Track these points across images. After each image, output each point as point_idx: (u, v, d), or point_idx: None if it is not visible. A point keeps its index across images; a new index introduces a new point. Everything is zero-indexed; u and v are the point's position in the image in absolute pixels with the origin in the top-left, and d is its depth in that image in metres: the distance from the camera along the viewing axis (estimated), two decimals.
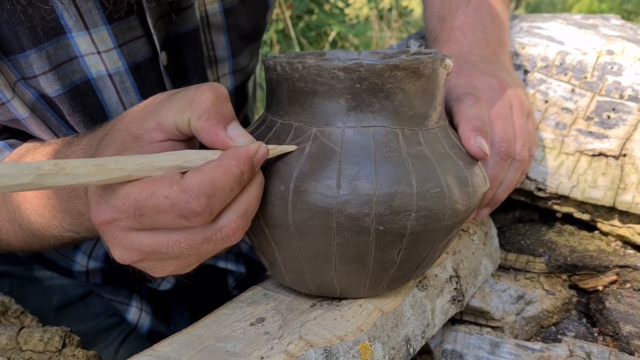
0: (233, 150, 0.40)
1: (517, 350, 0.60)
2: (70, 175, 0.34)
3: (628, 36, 0.76)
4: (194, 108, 0.41)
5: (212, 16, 0.72)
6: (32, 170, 0.33)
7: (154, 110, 0.42)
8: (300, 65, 0.45)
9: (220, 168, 0.39)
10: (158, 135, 0.42)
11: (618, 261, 0.70)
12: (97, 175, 0.36)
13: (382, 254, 0.46)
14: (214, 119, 0.41)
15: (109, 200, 0.40)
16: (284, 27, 2.83)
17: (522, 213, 0.81)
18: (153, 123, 0.42)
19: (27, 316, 0.70)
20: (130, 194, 0.38)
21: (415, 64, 0.45)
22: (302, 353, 0.43)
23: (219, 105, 0.41)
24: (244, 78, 0.84)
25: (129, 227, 0.40)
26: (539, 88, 0.75)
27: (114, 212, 0.40)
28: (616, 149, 0.71)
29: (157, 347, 0.45)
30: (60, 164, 0.34)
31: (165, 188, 0.38)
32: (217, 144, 0.41)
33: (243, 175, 0.40)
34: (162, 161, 0.39)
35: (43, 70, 0.57)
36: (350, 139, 0.45)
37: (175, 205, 0.38)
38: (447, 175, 0.46)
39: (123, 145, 0.42)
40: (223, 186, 0.39)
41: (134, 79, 0.63)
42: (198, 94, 0.41)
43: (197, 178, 0.38)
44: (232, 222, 0.41)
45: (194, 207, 0.38)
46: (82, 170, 0.35)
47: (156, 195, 0.38)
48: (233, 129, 0.42)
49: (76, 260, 0.80)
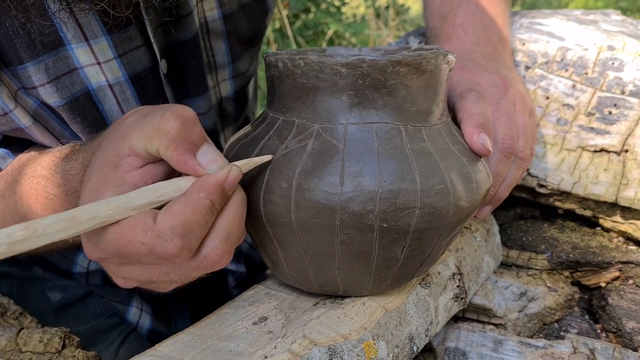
0: (201, 182, 0.40)
1: (521, 348, 0.60)
2: (42, 235, 0.35)
3: (629, 31, 0.76)
4: (160, 138, 0.40)
5: (212, 23, 0.71)
6: (4, 239, 0.33)
7: (125, 135, 0.42)
8: (302, 62, 0.45)
9: (189, 204, 0.39)
10: (134, 162, 0.42)
11: (620, 257, 0.70)
12: (71, 230, 0.36)
13: (386, 251, 0.46)
14: (182, 147, 0.40)
15: (96, 243, 0.41)
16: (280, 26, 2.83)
17: (523, 210, 0.81)
18: (126, 149, 0.42)
19: (27, 317, 0.70)
20: (110, 241, 0.39)
21: (418, 59, 0.45)
22: (306, 352, 0.43)
23: (185, 133, 0.41)
24: (244, 82, 0.83)
25: (119, 263, 0.42)
26: (539, 84, 0.75)
27: (102, 253, 0.41)
28: (618, 144, 0.70)
29: (159, 347, 0.45)
30: (31, 227, 0.34)
31: (140, 235, 0.38)
32: (187, 172, 0.41)
33: (215, 205, 0.40)
34: (134, 201, 0.39)
35: (41, 82, 0.56)
36: (353, 135, 0.45)
37: (153, 251, 0.39)
38: (451, 171, 0.46)
39: (102, 176, 0.42)
40: (196, 222, 0.39)
41: (134, 89, 0.63)
42: (163, 124, 0.40)
43: (169, 220, 0.38)
44: (215, 249, 0.41)
45: (170, 251, 0.38)
46: (54, 228, 0.35)
47: (133, 242, 0.39)
48: (203, 154, 0.41)
49: (77, 261, 0.80)
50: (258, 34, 0.81)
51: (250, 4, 0.75)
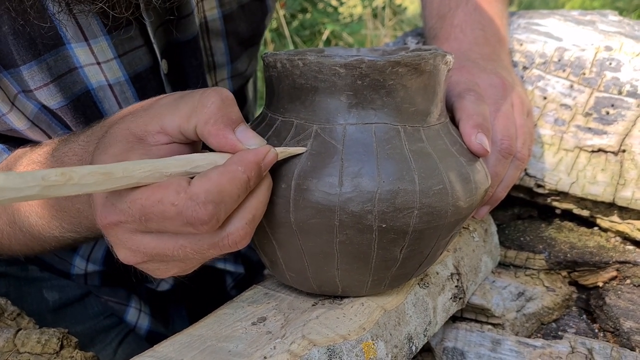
0: (240, 155, 0.39)
1: (519, 347, 0.60)
2: (77, 185, 0.34)
3: (626, 32, 0.76)
4: (200, 113, 0.40)
5: (212, 23, 0.71)
6: (38, 181, 0.32)
7: (158, 113, 0.42)
8: (301, 62, 0.45)
9: (227, 174, 0.38)
10: (162, 139, 0.41)
11: (618, 257, 0.70)
12: (105, 184, 0.35)
13: (385, 251, 0.46)
14: (222, 122, 0.40)
15: (115, 204, 0.39)
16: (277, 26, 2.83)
17: (521, 210, 0.81)
18: (157, 127, 0.41)
19: (24, 318, 0.69)
20: (137, 200, 0.38)
21: (416, 60, 0.45)
22: (306, 352, 0.43)
23: (225, 109, 0.40)
24: (242, 82, 0.83)
25: (135, 229, 0.40)
26: (537, 84, 0.75)
27: (120, 215, 0.39)
28: (615, 144, 0.70)
29: (158, 348, 0.45)
30: (67, 174, 0.33)
31: (172, 195, 0.37)
32: (226, 148, 0.40)
33: (250, 181, 0.39)
34: (169, 167, 0.38)
35: (44, 82, 0.56)
36: (351, 136, 0.45)
37: (182, 213, 0.37)
38: (450, 172, 0.46)
39: (127, 145, 0.41)
40: (230, 193, 0.38)
41: (134, 89, 0.62)
42: (203, 99, 0.40)
43: (204, 185, 0.37)
44: (239, 229, 0.40)
45: (201, 216, 0.37)
46: (90, 180, 0.34)
47: (163, 202, 0.37)
48: (241, 132, 0.41)
49: (74, 263, 0.80)
50: (257, 34, 0.81)
51: (250, 4, 0.75)
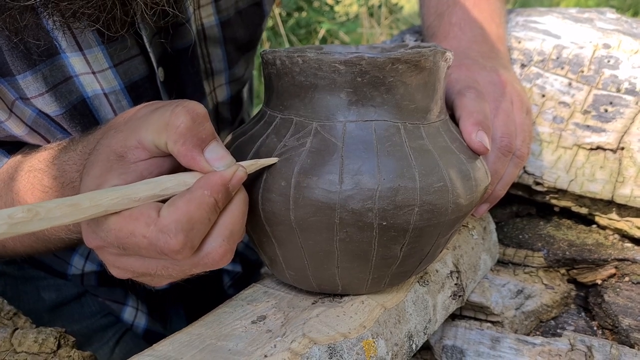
0: (206, 179, 0.39)
1: (518, 345, 0.60)
2: (44, 219, 0.34)
3: (624, 29, 0.76)
4: (169, 132, 0.40)
5: (209, 29, 0.71)
6: (5, 219, 0.32)
7: (135, 127, 0.42)
8: (301, 59, 0.44)
9: (194, 201, 0.38)
10: (141, 154, 0.41)
11: (616, 254, 0.70)
12: (72, 216, 0.36)
13: (385, 249, 0.46)
14: (190, 143, 0.40)
15: (95, 231, 0.40)
16: (273, 25, 2.82)
17: (519, 207, 0.81)
18: (134, 141, 0.41)
19: (21, 317, 0.69)
20: (111, 230, 0.39)
21: (416, 57, 0.45)
22: (306, 351, 0.42)
23: (195, 129, 0.40)
24: (239, 87, 0.83)
25: (117, 253, 0.41)
26: (535, 82, 0.75)
27: (101, 241, 0.40)
28: (614, 142, 0.70)
29: (157, 347, 0.45)
30: (33, 210, 0.33)
31: (142, 227, 0.38)
32: (194, 168, 0.41)
33: (218, 204, 0.39)
34: (138, 192, 0.39)
35: (40, 91, 0.55)
36: (351, 133, 0.44)
37: (154, 245, 0.38)
38: (450, 169, 0.45)
39: (107, 164, 0.41)
40: (200, 219, 0.38)
41: (130, 98, 0.62)
42: (173, 118, 0.40)
43: (173, 215, 0.38)
44: (217, 247, 0.41)
45: (172, 246, 0.38)
46: (57, 213, 0.35)
47: (135, 234, 0.38)
48: (211, 151, 0.41)
49: (72, 263, 0.79)
50: (254, 39, 0.80)
51: (247, 10, 0.75)
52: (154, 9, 0.46)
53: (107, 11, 0.45)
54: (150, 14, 0.46)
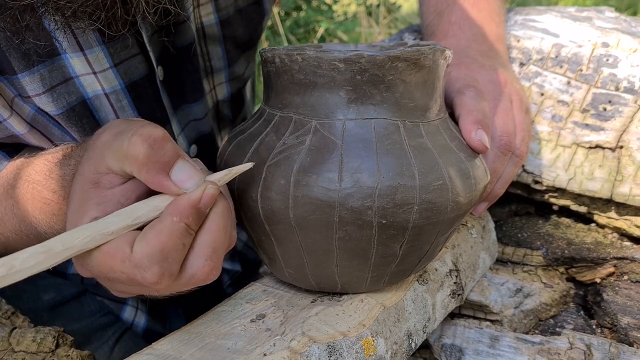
0: (174, 206, 0.39)
1: (517, 344, 0.60)
2: (21, 271, 0.35)
3: (622, 28, 0.76)
4: (130, 163, 0.40)
5: (208, 28, 0.71)
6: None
7: (101, 154, 0.42)
8: (300, 57, 0.44)
9: (164, 231, 0.38)
10: (114, 179, 0.42)
11: (615, 253, 0.70)
12: (47, 262, 0.37)
13: (385, 248, 0.46)
14: (153, 170, 0.40)
15: (83, 264, 0.41)
16: (272, 24, 2.82)
17: (518, 206, 0.81)
18: (104, 168, 0.41)
19: (19, 317, 0.69)
20: (94, 266, 0.40)
21: (416, 55, 0.45)
22: (306, 349, 0.42)
23: (154, 155, 0.40)
24: (240, 85, 0.83)
25: (108, 282, 0.43)
26: (534, 81, 0.75)
27: (90, 273, 0.42)
28: (613, 141, 0.70)
29: (157, 346, 0.45)
30: (8, 263, 0.35)
31: (118, 264, 0.39)
32: (164, 192, 0.41)
33: (190, 227, 0.39)
34: (109, 226, 0.39)
35: (37, 92, 0.55)
36: (351, 131, 0.44)
37: (132, 279, 0.39)
38: (449, 167, 0.45)
39: (83, 195, 0.41)
40: (173, 247, 0.39)
41: (130, 97, 0.61)
42: (131, 149, 0.40)
43: (145, 250, 0.38)
44: (200, 268, 0.41)
45: (149, 279, 0.39)
46: (31, 262, 0.36)
47: (114, 270, 0.39)
48: (177, 173, 0.40)
49: (71, 262, 0.79)
50: (255, 38, 0.80)
51: (247, 8, 0.75)
52: (155, 7, 0.45)
53: (108, 10, 0.44)
54: (152, 13, 0.45)
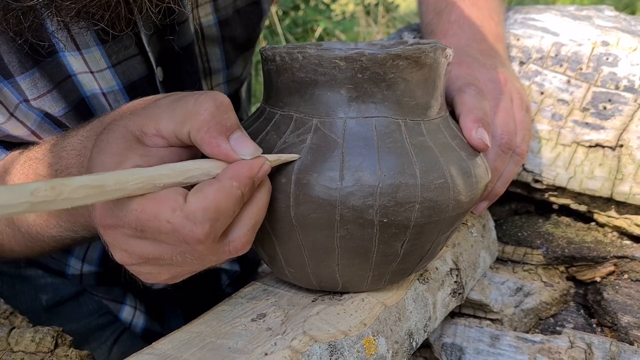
0: (234, 170, 0.38)
1: (518, 343, 0.60)
2: (68, 199, 0.32)
3: (622, 27, 0.76)
4: (192, 120, 0.39)
5: (207, 29, 0.71)
6: (27, 197, 0.30)
7: (155, 115, 0.41)
8: (301, 55, 0.44)
9: (222, 191, 0.37)
10: (159, 141, 0.41)
11: (615, 252, 0.70)
12: (96, 197, 0.34)
13: (386, 246, 0.45)
14: (215, 130, 0.39)
15: (113, 209, 0.39)
16: (270, 23, 2.81)
17: (518, 205, 0.81)
18: (153, 129, 0.40)
19: (17, 317, 0.69)
20: (132, 211, 0.37)
21: (417, 53, 0.44)
22: (307, 349, 0.42)
23: (219, 116, 0.39)
24: (237, 86, 0.83)
25: (131, 235, 0.39)
26: (534, 80, 0.75)
27: (117, 220, 0.39)
28: (613, 139, 0.70)
29: (157, 345, 0.44)
30: (57, 187, 0.32)
31: (167, 212, 0.37)
32: (219, 156, 0.40)
33: (244, 196, 0.39)
34: (162, 178, 0.38)
35: (41, 92, 0.55)
36: (352, 129, 0.44)
37: (177, 231, 0.37)
38: (451, 166, 0.45)
39: (126, 143, 0.40)
40: (226, 209, 0.38)
41: (129, 98, 0.61)
42: (197, 105, 0.39)
43: (201, 203, 0.37)
44: (241, 236, 0.40)
45: (197, 235, 0.37)
46: (81, 193, 0.33)
47: (158, 218, 0.37)
48: (236, 140, 0.40)
49: (70, 264, 0.79)
50: (253, 38, 0.80)
51: (245, 9, 0.75)
52: (159, 6, 0.45)
53: (112, 10, 0.44)
54: (155, 12, 0.45)
